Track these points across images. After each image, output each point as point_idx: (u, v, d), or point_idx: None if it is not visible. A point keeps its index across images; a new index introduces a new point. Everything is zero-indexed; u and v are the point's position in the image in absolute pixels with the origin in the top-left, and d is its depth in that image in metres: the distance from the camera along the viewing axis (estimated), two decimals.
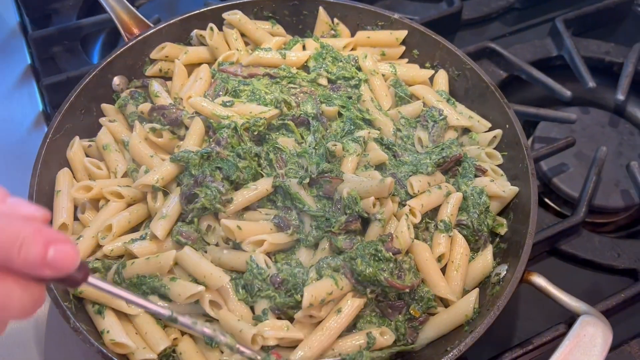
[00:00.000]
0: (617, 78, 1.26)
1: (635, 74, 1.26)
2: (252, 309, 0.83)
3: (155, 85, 1.02)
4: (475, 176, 0.97)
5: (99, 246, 0.87)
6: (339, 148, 0.92)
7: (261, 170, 0.92)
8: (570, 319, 0.84)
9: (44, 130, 1.16)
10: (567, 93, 1.21)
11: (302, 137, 0.97)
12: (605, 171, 1.15)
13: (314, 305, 0.77)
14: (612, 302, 0.94)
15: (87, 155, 0.98)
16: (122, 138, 0.99)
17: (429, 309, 0.85)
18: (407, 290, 0.82)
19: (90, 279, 0.58)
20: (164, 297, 0.82)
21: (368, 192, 0.85)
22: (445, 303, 0.87)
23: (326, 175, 0.88)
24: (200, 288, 0.78)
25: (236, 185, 0.89)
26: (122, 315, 0.82)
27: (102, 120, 1.01)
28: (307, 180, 0.88)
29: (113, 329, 0.78)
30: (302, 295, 0.78)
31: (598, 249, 1.05)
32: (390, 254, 0.82)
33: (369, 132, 0.97)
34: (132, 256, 0.85)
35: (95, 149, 0.98)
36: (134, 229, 0.91)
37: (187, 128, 0.95)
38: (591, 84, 1.23)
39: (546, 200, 1.17)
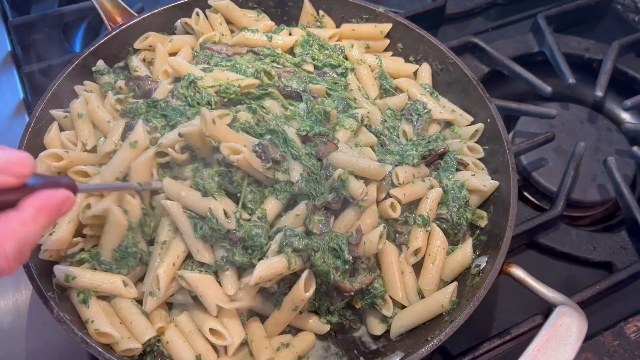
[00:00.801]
0: (597, 74, 1.28)
1: (613, 71, 1.28)
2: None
3: (135, 61, 1.02)
4: (457, 170, 0.98)
5: (78, 231, 0.86)
6: (334, 113, 0.93)
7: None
8: (547, 310, 0.86)
9: (25, 118, 1.16)
10: (548, 89, 1.23)
11: (290, 105, 0.95)
12: (583, 166, 1.17)
13: (261, 282, 0.79)
14: (587, 293, 0.96)
15: (62, 127, 0.97)
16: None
17: (372, 304, 0.86)
18: (353, 293, 0.83)
19: (81, 186, 0.65)
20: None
21: (363, 171, 0.85)
22: (422, 295, 0.89)
23: (322, 135, 0.88)
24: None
25: None
26: (106, 306, 0.82)
27: (77, 87, 0.99)
28: (304, 133, 0.88)
29: (97, 319, 0.78)
30: (259, 259, 0.79)
31: (575, 242, 1.07)
32: (350, 257, 0.83)
33: (368, 112, 0.97)
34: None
35: (70, 120, 0.96)
36: None
37: None
38: (571, 80, 1.25)
39: (525, 193, 1.19)
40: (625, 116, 1.32)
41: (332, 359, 0.86)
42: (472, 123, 1.05)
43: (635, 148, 1.15)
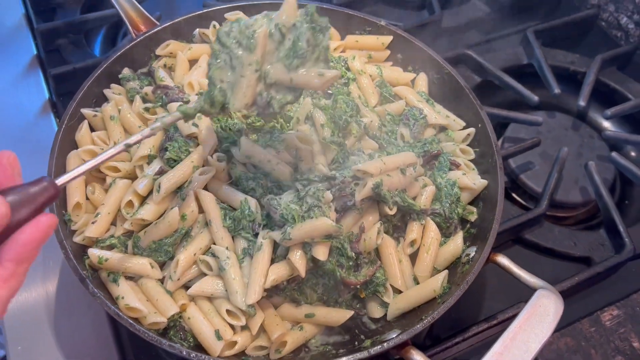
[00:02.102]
0: (581, 86, 1.38)
1: (596, 83, 1.38)
2: (232, 238, 0.93)
3: (161, 72, 1.10)
4: (450, 170, 1.07)
5: (112, 224, 0.95)
6: (354, 126, 1.04)
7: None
8: (529, 298, 0.95)
9: (50, 116, 1.25)
10: (535, 98, 1.32)
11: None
12: (567, 170, 1.26)
13: (274, 284, 0.88)
14: (567, 284, 1.05)
15: (91, 126, 1.05)
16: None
17: (375, 292, 0.95)
18: (359, 285, 0.92)
19: (60, 180, 0.62)
20: None
21: (394, 185, 0.94)
22: (417, 282, 0.98)
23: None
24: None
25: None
26: (133, 285, 0.90)
27: (106, 91, 1.08)
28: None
29: (127, 295, 0.86)
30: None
31: (557, 239, 1.15)
32: (353, 253, 0.91)
33: (371, 121, 1.06)
34: (144, 227, 0.93)
35: (99, 119, 1.05)
36: None
37: None
38: (557, 90, 1.35)
39: (513, 195, 1.28)
40: (607, 124, 1.41)
41: (336, 338, 0.95)
42: (465, 127, 1.14)
43: (614, 154, 1.24)
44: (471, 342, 1.01)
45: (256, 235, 0.91)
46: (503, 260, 0.93)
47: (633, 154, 1.36)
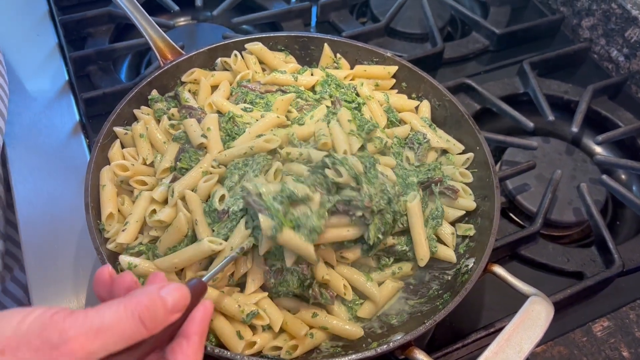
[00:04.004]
0: (573, 113, 1.46)
1: (588, 111, 1.46)
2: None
3: (186, 94, 1.20)
4: (449, 196, 1.14)
5: (140, 233, 1.04)
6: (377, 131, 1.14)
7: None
8: None
9: (81, 137, 1.35)
10: (531, 124, 1.40)
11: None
12: (561, 192, 1.34)
13: None
14: (560, 296, 1.12)
15: (122, 143, 1.14)
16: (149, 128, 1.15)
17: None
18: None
19: (205, 279, 0.77)
20: None
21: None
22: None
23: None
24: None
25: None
26: None
27: (136, 111, 1.17)
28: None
29: None
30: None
31: (551, 255, 1.22)
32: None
33: (389, 140, 1.13)
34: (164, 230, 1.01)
35: (130, 137, 1.14)
36: None
37: None
38: (551, 117, 1.43)
39: (510, 214, 1.36)
40: (598, 149, 1.50)
41: (345, 341, 1.02)
42: (464, 151, 1.21)
43: (604, 176, 1.32)
44: (470, 349, 1.08)
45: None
46: (499, 270, 1.00)
47: (623, 177, 1.45)
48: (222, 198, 1.00)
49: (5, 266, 1.37)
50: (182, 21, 1.72)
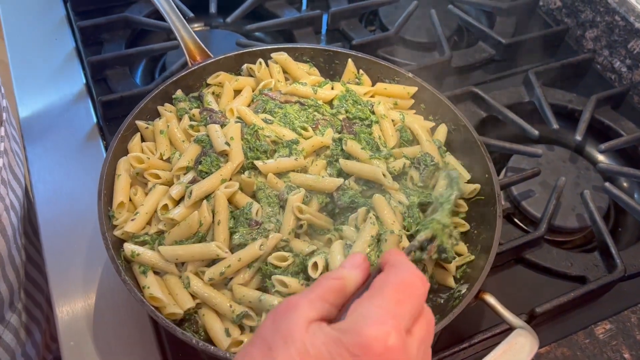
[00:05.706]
0: (577, 122, 1.49)
1: (591, 120, 1.49)
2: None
3: (210, 97, 1.23)
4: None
5: (148, 224, 1.07)
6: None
7: None
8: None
9: (98, 139, 1.39)
10: (535, 132, 1.42)
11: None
12: (565, 198, 1.36)
13: None
14: (564, 299, 1.14)
15: (142, 136, 1.18)
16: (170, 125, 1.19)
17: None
18: None
19: None
20: None
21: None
22: None
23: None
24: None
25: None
26: (158, 279, 1.02)
27: (160, 108, 1.21)
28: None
29: (152, 286, 0.97)
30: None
31: (555, 259, 1.25)
32: None
33: (405, 163, 1.15)
34: (173, 227, 1.04)
35: (150, 131, 1.17)
36: None
37: None
38: (555, 125, 1.46)
39: (515, 220, 1.39)
40: (601, 158, 1.53)
41: None
42: (473, 177, 1.21)
43: (607, 184, 1.35)
44: None
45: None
46: (490, 299, 1.00)
47: (625, 184, 1.48)
48: (257, 212, 1.05)
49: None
50: (196, 27, 1.75)
